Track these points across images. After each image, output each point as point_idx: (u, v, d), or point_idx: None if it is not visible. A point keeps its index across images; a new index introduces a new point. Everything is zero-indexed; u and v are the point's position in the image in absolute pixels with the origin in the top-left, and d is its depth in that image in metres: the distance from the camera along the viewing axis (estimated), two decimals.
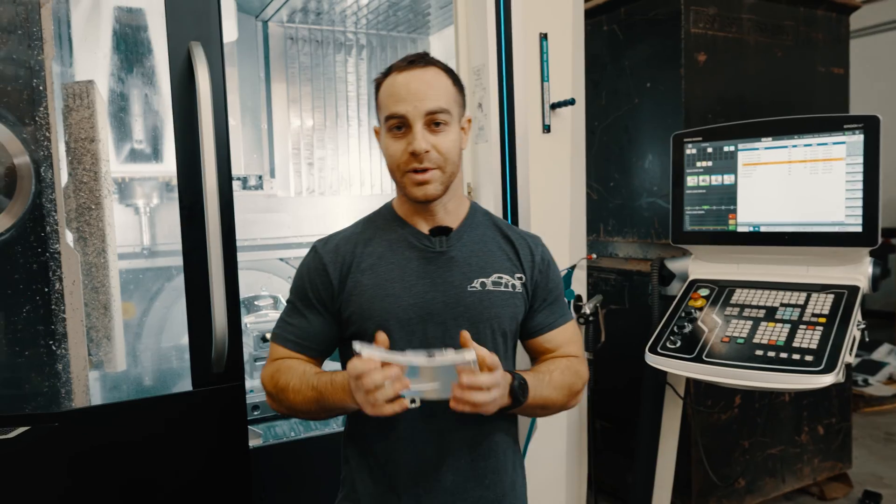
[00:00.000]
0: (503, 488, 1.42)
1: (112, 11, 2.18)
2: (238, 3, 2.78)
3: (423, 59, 1.35)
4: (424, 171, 1.31)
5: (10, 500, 1.54)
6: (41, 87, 1.59)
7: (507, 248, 1.45)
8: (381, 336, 1.22)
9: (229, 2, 2.70)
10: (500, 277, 1.40)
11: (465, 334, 1.21)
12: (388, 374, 1.13)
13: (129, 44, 2.14)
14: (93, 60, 2.12)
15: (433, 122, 1.31)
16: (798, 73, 2.98)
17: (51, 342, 1.60)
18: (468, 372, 1.15)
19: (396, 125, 1.31)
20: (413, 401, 1.18)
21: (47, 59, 1.60)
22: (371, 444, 1.38)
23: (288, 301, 1.44)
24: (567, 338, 1.50)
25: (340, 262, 1.38)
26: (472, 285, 1.37)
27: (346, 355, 1.42)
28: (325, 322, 1.39)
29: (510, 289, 1.40)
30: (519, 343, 1.51)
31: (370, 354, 1.15)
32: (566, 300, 2.16)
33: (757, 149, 2.06)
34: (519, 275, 1.43)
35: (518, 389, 1.28)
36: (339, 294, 1.37)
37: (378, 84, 1.38)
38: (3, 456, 1.50)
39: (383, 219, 1.45)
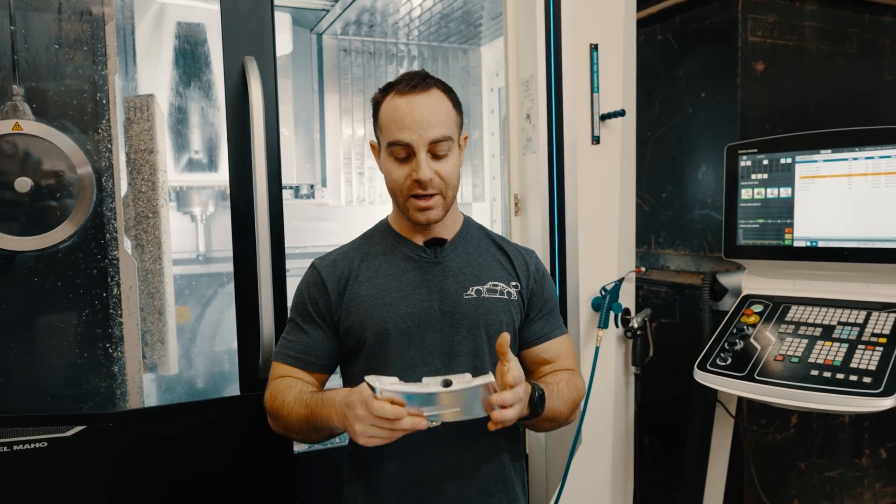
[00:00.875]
0: (509, 500, 1.42)
1: (174, 27, 2.27)
2: (294, 16, 2.86)
3: (424, 81, 1.34)
4: (428, 197, 1.32)
5: (64, 495, 1.60)
6: (104, 101, 1.67)
7: (502, 258, 1.47)
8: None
9: (285, 16, 2.77)
10: (496, 285, 1.42)
11: (505, 337, 1.20)
12: (414, 420, 1.13)
13: (188, 58, 2.22)
14: (154, 74, 2.22)
15: (436, 151, 1.32)
16: (863, 82, 2.87)
17: (108, 345, 1.67)
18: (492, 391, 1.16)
19: (401, 154, 1.32)
20: (432, 419, 1.18)
21: (111, 74, 1.68)
22: (375, 460, 1.37)
23: (289, 320, 1.45)
24: (563, 350, 1.50)
25: (338, 276, 1.40)
26: (468, 293, 1.39)
27: (347, 371, 1.44)
28: (325, 335, 1.40)
29: (506, 296, 1.42)
30: None
31: (385, 388, 1.12)
32: (613, 313, 2.14)
33: (815, 161, 1.99)
34: (514, 283, 1.44)
35: (538, 400, 1.29)
36: (337, 307, 1.38)
37: (377, 102, 1.38)
38: (60, 453, 1.57)
39: (379, 234, 1.47)
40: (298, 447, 1.95)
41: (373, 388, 1.12)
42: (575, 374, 1.50)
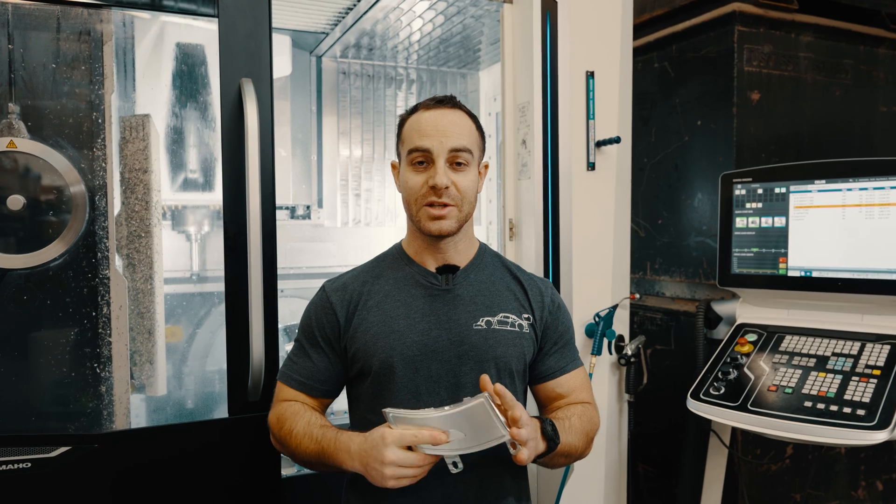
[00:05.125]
0: None
1: (173, 47, 2.28)
2: (293, 39, 2.88)
3: (450, 101, 1.38)
4: (442, 206, 1.32)
5: None
6: (100, 120, 1.67)
7: (516, 289, 1.45)
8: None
9: (285, 38, 2.79)
10: (507, 317, 1.39)
11: (484, 377, 1.21)
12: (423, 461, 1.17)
13: (187, 79, 2.23)
14: (153, 93, 2.22)
15: (455, 160, 1.32)
16: (858, 112, 2.89)
17: (95, 364, 1.65)
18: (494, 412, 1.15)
19: (419, 159, 1.33)
20: (455, 465, 1.21)
21: (107, 94, 1.68)
22: (377, 494, 1.34)
23: (295, 340, 1.44)
24: (578, 383, 1.48)
25: (347, 300, 1.38)
26: (478, 324, 1.36)
27: (352, 393, 1.43)
28: (330, 361, 1.39)
29: (517, 328, 1.39)
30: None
31: (396, 414, 1.19)
32: (606, 340, 2.13)
33: (810, 191, 1.99)
34: (527, 315, 1.42)
35: (552, 431, 1.27)
36: (345, 332, 1.37)
37: (403, 120, 1.40)
38: (44, 474, 1.54)
39: (392, 257, 1.46)
40: (287, 471, 1.93)
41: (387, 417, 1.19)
42: (589, 406, 1.47)
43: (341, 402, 1.49)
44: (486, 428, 1.16)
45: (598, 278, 2.19)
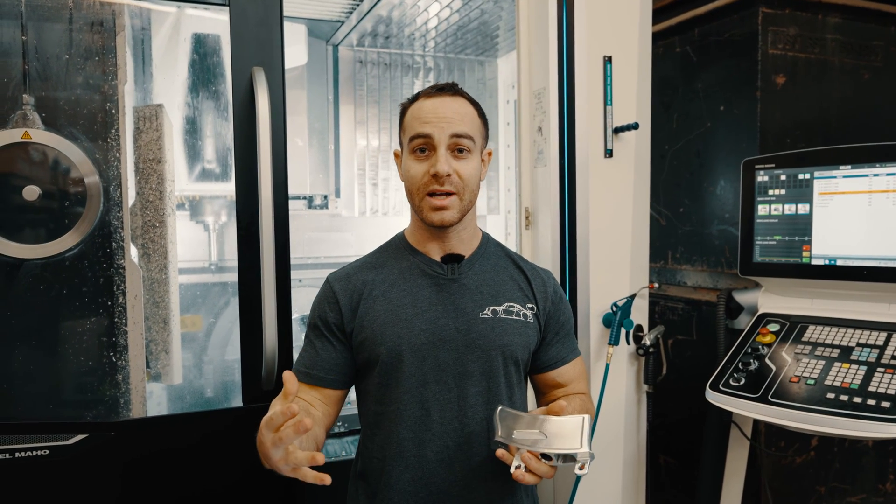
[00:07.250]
0: None
1: (189, 38, 2.28)
2: (309, 28, 2.86)
3: (451, 88, 1.37)
4: (444, 195, 1.31)
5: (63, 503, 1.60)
6: (114, 111, 1.68)
7: (520, 279, 1.45)
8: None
9: (301, 27, 2.78)
10: (512, 306, 1.39)
11: (561, 405, 1.21)
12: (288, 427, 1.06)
13: (203, 69, 2.24)
14: (169, 84, 2.23)
15: (457, 147, 1.32)
16: (888, 96, 2.80)
17: (112, 353, 1.67)
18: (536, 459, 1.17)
19: (420, 146, 1.32)
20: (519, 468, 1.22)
21: (120, 84, 1.69)
22: (386, 477, 1.34)
23: (304, 337, 1.45)
24: (577, 372, 1.50)
25: (351, 289, 1.39)
26: (484, 312, 1.36)
27: (360, 386, 1.42)
28: (335, 350, 1.38)
29: (522, 318, 1.39)
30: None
31: (505, 412, 1.23)
32: (624, 330, 2.10)
33: (834, 177, 1.94)
34: (531, 305, 1.42)
35: None
36: (350, 321, 1.37)
37: (404, 109, 1.40)
38: (61, 461, 1.57)
39: (395, 247, 1.46)
40: None
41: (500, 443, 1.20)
42: (587, 398, 1.50)
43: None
44: (568, 438, 1.18)
45: (615, 267, 2.16)
